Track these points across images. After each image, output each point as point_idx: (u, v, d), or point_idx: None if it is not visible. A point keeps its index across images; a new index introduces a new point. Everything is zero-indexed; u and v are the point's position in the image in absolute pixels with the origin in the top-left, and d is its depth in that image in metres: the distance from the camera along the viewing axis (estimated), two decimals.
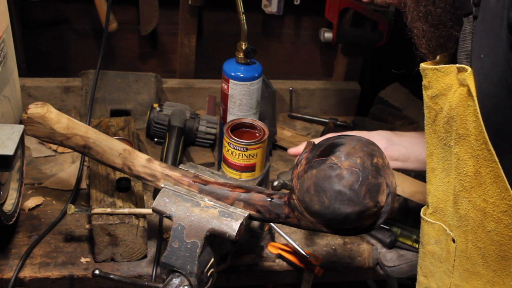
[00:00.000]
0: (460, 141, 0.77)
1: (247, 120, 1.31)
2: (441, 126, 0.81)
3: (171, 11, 1.79)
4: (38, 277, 1.26)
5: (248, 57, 1.44)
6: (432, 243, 0.91)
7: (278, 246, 1.36)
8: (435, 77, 0.80)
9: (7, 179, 1.30)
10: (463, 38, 0.77)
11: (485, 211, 0.77)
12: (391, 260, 1.39)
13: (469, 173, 0.77)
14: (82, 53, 1.85)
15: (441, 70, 0.79)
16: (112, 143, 1.16)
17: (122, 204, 1.29)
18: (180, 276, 1.01)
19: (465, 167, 0.77)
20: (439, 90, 0.80)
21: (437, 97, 0.80)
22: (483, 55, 0.74)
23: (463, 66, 0.76)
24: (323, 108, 1.93)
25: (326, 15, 1.78)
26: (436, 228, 0.89)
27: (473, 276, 0.83)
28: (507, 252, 0.77)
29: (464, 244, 0.83)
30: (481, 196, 0.76)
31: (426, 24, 0.84)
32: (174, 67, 1.90)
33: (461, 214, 0.81)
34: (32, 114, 1.13)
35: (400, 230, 1.40)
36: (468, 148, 0.76)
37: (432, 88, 0.81)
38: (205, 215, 1.01)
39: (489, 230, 0.77)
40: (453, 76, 0.77)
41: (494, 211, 0.75)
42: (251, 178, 1.29)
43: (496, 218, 0.76)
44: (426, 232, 0.93)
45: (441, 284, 0.91)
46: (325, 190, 0.91)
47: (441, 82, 0.79)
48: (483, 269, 0.81)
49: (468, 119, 0.75)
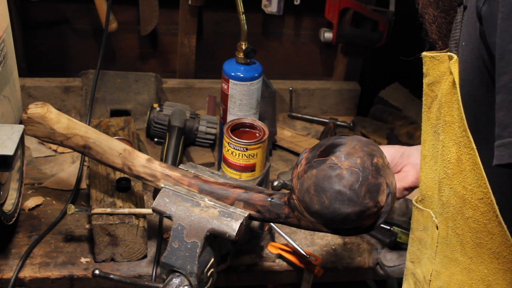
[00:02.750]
0: (446, 128, 0.79)
1: (247, 120, 1.31)
2: (434, 113, 0.83)
3: (171, 11, 1.79)
4: (38, 277, 1.26)
5: (248, 57, 1.44)
6: (420, 229, 0.93)
7: (278, 246, 1.36)
8: (432, 65, 0.82)
9: (7, 179, 1.30)
10: (455, 27, 0.80)
11: (464, 198, 0.78)
12: (391, 260, 1.39)
13: (452, 160, 0.78)
14: (82, 53, 1.85)
15: (437, 58, 0.81)
16: (112, 143, 1.16)
17: (122, 204, 1.29)
18: (180, 276, 1.01)
19: (449, 154, 0.79)
20: (435, 77, 0.82)
21: (433, 84, 0.82)
22: (464, 43, 0.76)
23: (451, 54, 0.78)
24: (323, 108, 1.93)
25: (326, 15, 1.78)
26: (425, 215, 0.90)
27: (451, 263, 0.85)
28: (482, 239, 0.78)
29: (445, 231, 0.85)
30: (461, 183, 0.78)
31: (437, 9, 0.85)
32: (174, 67, 1.90)
33: (443, 201, 0.83)
34: (32, 114, 1.13)
35: (400, 230, 1.40)
36: (452, 135, 0.78)
37: (429, 75, 0.83)
38: (205, 215, 1.01)
39: (467, 217, 0.79)
40: (446, 64, 0.79)
41: (472, 198, 0.77)
42: (251, 178, 1.29)
43: (473, 205, 0.77)
44: (416, 218, 0.94)
45: (425, 270, 0.92)
46: (325, 190, 0.91)
47: (436, 70, 0.81)
48: (461, 256, 0.82)
49: (453, 106, 0.77)
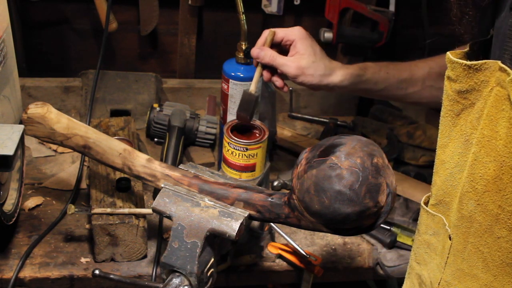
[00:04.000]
0: (484, 142, 0.74)
1: None
2: (469, 121, 0.78)
3: (171, 11, 1.79)
4: (38, 277, 1.26)
5: (248, 57, 1.44)
6: (430, 233, 0.91)
7: (278, 246, 1.36)
8: (465, 73, 0.77)
9: (7, 179, 1.30)
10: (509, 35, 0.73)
11: (498, 217, 0.75)
12: (391, 260, 1.39)
13: (487, 176, 0.74)
14: (82, 53, 1.85)
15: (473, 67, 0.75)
16: (112, 143, 1.16)
17: (122, 204, 1.29)
18: (180, 276, 1.01)
19: (482, 170, 0.75)
20: (470, 85, 0.76)
21: (468, 92, 0.77)
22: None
23: (506, 68, 0.72)
24: (323, 108, 1.93)
25: (326, 15, 1.78)
26: (436, 220, 0.88)
27: (467, 277, 0.83)
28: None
29: (462, 245, 0.82)
30: (496, 202, 0.74)
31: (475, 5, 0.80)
32: (174, 67, 1.90)
33: (463, 214, 0.80)
34: (32, 114, 1.13)
35: (400, 230, 1.40)
36: (491, 151, 0.73)
37: (460, 82, 0.78)
38: (205, 215, 1.01)
39: (498, 236, 0.76)
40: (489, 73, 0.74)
41: (509, 219, 0.74)
42: (251, 178, 1.29)
43: (510, 226, 0.74)
44: (425, 222, 0.92)
45: (432, 276, 0.91)
46: (325, 190, 0.91)
47: (474, 79, 0.76)
48: (482, 273, 0.80)
49: (499, 122, 0.71)
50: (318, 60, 1.25)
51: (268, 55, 1.25)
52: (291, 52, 1.27)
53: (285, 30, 1.27)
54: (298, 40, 1.25)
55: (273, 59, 1.25)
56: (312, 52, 1.25)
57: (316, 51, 1.26)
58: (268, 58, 1.25)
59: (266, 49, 1.26)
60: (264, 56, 1.25)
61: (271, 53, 1.25)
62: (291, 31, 1.27)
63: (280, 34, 1.27)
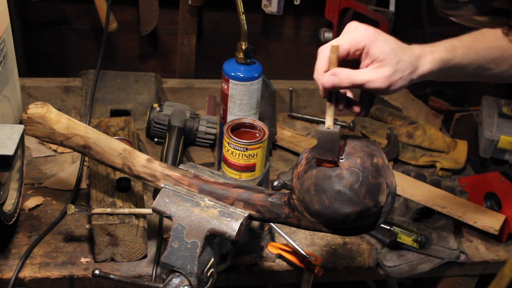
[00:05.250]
0: None
1: (247, 120, 1.31)
2: None
3: (171, 11, 1.79)
4: (38, 277, 1.26)
5: (248, 57, 1.44)
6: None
7: (278, 246, 1.36)
8: None
9: (7, 179, 1.30)
10: None
11: None
12: (391, 260, 1.39)
13: None
14: (82, 53, 1.85)
15: None
16: (112, 143, 1.16)
17: (122, 204, 1.29)
18: (180, 276, 1.01)
19: None
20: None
21: None
22: None
23: None
24: (323, 108, 1.92)
25: (326, 15, 1.78)
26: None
27: None
28: None
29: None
30: None
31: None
32: (174, 67, 1.90)
33: None
34: (32, 114, 1.13)
35: (400, 230, 1.40)
36: None
37: None
38: (205, 215, 1.01)
39: None
40: None
41: None
42: (251, 178, 1.29)
43: None
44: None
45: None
46: (325, 190, 0.91)
47: None
48: None
49: None
50: (401, 57, 0.97)
51: (344, 78, 0.94)
52: (365, 61, 0.96)
53: (348, 38, 0.96)
54: (369, 44, 0.95)
55: (352, 80, 0.94)
56: (392, 52, 0.96)
57: (395, 47, 0.97)
58: (346, 82, 0.94)
59: (339, 71, 0.94)
60: (341, 81, 0.94)
61: (346, 73, 0.94)
62: (357, 36, 0.96)
63: (345, 46, 0.96)
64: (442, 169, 1.71)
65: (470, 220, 1.48)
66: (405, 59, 0.97)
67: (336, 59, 0.95)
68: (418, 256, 1.41)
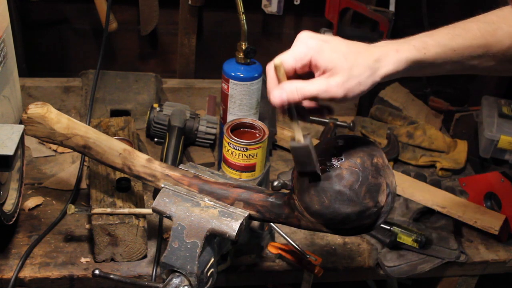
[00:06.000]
0: None
1: (247, 120, 1.30)
2: None
3: (171, 11, 1.79)
4: (38, 277, 1.26)
5: (248, 57, 1.44)
6: None
7: (278, 246, 1.36)
8: None
9: (7, 179, 1.30)
10: None
11: None
12: (391, 260, 1.39)
13: None
14: (82, 53, 1.85)
15: None
16: (112, 143, 1.16)
17: (122, 204, 1.29)
18: (180, 276, 1.01)
19: None
20: None
21: None
22: None
23: None
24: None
25: (326, 15, 1.78)
26: None
27: None
28: None
29: None
30: None
31: None
32: (174, 67, 1.90)
33: None
34: (32, 114, 1.13)
35: (400, 230, 1.40)
36: None
37: None
38: (205, 215, 1.01)
39: None
40: None
41: None
42: (251, 178, 1.29)
43: None
44: None
45: None
46: (325, 190, 0.91)
47: None
48: None
49: None
50: (353, 61, 0.89)
51: (293, 91, 0.87)
52: (317, 73, 0.90)
53: (292, 53, 0.90)
54: (315, 56, 0.89)
55: (302, 92, 0.87)
56: (342, 58, 0.89)
57: (344, 52, 0.90)
58: (296, 95, 0.87)
59: (285, 85, 0.88)
60: (289, 94, 0.87)
61: (295, 85, 0.88)
62: (299, 51, 0.89)
63: (289, 62, 0.89)
64: (442, 169, 1.71)
65: (470, 220, 1.48)
66: (360, 63, 0.89)
67: (284, 76, 0.89)
68: (418, 256, 1.41)
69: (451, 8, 1.99)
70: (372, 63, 0.90)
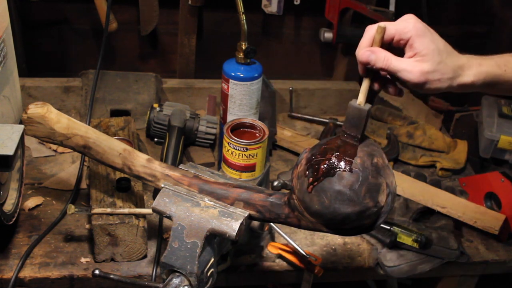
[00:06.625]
0: None
1: (247, 120, 1.31)
2: None
3: (171, 11, 1.79)
4: (38, 277, 1.26)
5: (248, 57, 1.44)
6: None
7: (278, 246, 1.36)
8: None
9: (7, 179, 1.30)
10: None
11: None
12: (391, 260, 1.39)
13: None
14: (82, 53, 1.85)
15: None
16: (112, 143, 1.16)
17: (122, 204, 1.29)
18: (180, 276, 1.01)
19: None
20: None
21: None
22: None
23: None
24: (323, 108, 1.93)
25: (326, 15, 1.78)
26: None
27: None
28: None
29: None
30: None
31: None
32: (174, 67, 1.90)
33: None
34: (32, 114, 1.13)
35: (400, 230, 1.40)
36: None
37: None
38: (205, 215, 1.01)
39: None
40: None
41: None
42: (251, 178, 1.29)
43: None
44: None
45: None
46: (325, 190, 0.91)
47: None
48: None
49: None
50: (444, 59, 0.96)
51: (381, 58, 0.94)
52: (409, 53, 0.97)
53: (397, 25, 0.97)
54: (415, 37, 0.95)
55: (388, 63, 0.95)
56: (436, 51, 0.95)
57: (440, 48, 0.96)
58: (381, 63, 0.94)
59: (378, 51, 0.95)
60: (377, 60, 0.94)
61: (385, 55, 0.95)
62: (405, 25, 0.96)
63: (391, 31, 0.96)
64: (442, 169, 1.71)
65: (470, 220, 1.48)
66: (448, 63, 0.96)
67: (380, 40, 0.95)
68: (418, 256, 1.41)
69: (451, 8, 1.99)
70: (456, 68, 0.97)
